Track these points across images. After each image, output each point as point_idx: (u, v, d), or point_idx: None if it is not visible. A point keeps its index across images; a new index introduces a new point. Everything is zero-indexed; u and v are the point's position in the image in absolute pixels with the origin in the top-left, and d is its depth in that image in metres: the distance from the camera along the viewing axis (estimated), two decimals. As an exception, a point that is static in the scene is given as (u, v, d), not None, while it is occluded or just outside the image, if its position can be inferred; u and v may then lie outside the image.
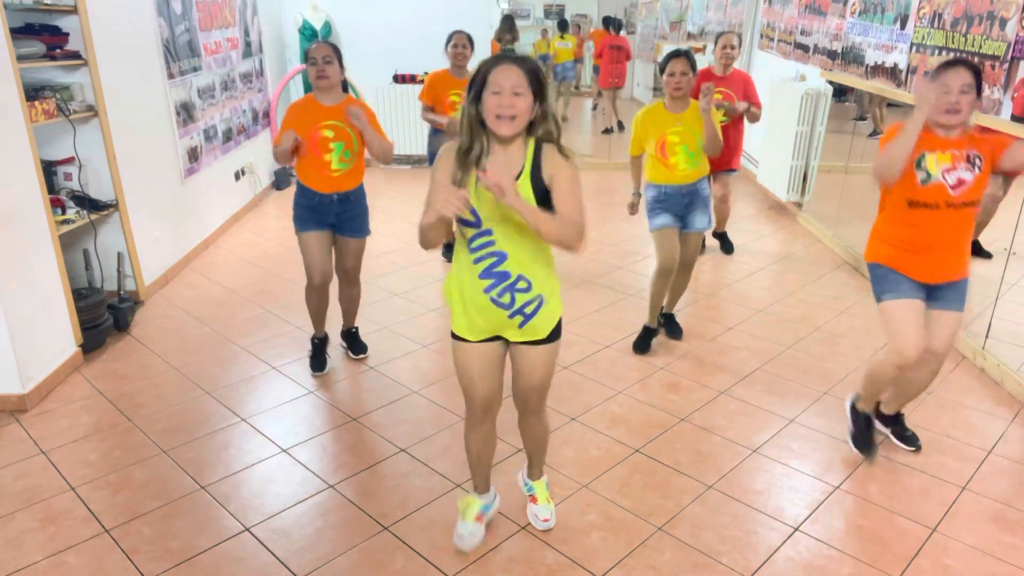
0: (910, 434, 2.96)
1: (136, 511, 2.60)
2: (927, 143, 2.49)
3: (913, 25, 4.33)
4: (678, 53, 3.50)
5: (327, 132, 3.22)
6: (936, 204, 2.49)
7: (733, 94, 4.74)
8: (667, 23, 11.17)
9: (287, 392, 3.42)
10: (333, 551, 2.41)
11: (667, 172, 3.57)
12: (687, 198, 3.62)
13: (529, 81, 1.92)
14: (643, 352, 3.80)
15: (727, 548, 2.43)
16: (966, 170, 2.47)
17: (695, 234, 3.72)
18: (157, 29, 4.64)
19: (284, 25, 7.62)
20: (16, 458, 2.91)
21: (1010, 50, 3.43)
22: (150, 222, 4.50)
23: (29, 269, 3.29)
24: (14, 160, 3.20)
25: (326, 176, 3.29)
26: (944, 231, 2.54)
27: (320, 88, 3.24)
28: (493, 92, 1.91)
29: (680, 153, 3.53)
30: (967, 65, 2.43)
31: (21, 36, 3.45)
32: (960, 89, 2.40)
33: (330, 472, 2.82)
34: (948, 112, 2.42)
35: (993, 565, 2.37)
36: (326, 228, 3.39)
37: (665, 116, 3.54)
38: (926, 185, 2.49)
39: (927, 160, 2.48)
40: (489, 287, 2.07)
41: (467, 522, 2.43)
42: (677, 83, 3.46)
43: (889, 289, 2.62)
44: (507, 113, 1.91)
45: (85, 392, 3.40)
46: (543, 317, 2.13)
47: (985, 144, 2.51)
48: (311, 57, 3.19)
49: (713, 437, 3.05)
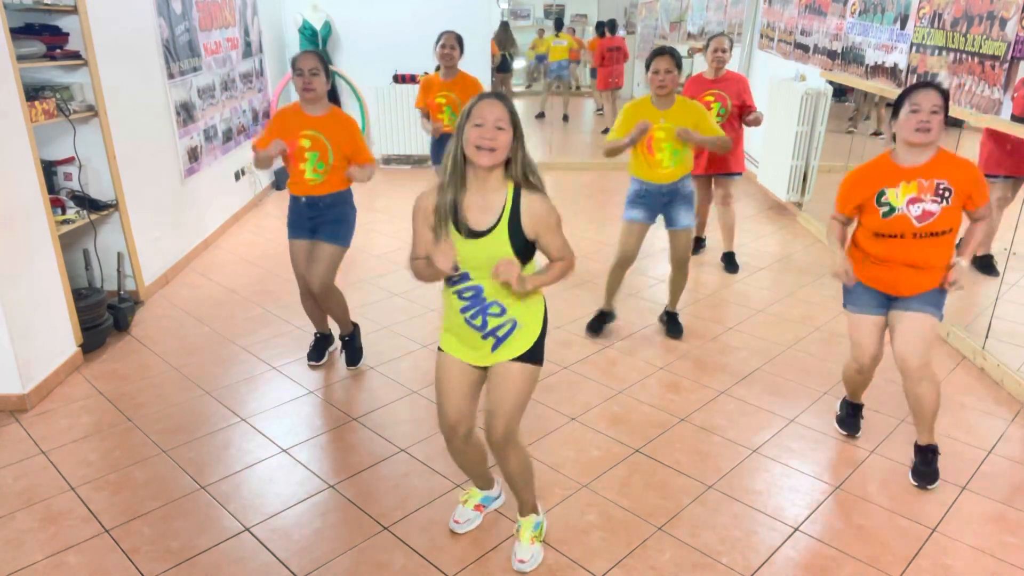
0: (923, 471, 2.73)
1: (136, 511, 2.60)
2: (887, 178, 2.50)
3: (913, 25, 4.33)
4: (662, 51, 3.50)
5: (304, 142, 3.23)
6: (902, 234, 2.51)
7: (726, 95, 4.72)
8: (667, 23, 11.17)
9: (287, 392, 3.42)
10: (333, 551, 2.41)
11: (649, 170, 3.59)
12: (667, 197, 3.65)
13: (509, 118, 1.97)
14: (595, 334, 3.94)
15: (727, 548, 2.43)
16: (932, 202, 2.46)
17: (682, 231, 3.74)
18: (157, 29, 4.64)
19: (284, 25, 7.62)
20: (16, 458, 2.91)
21: (1010, 50, 3.43)
22: (150, 222, 4.50)
23: (29, 269, 3.29)
24: (14, 160, 3.20)
25: (300, 184, 3.32)
26: (913, 256, 2.54)
27: (306, 100, 3.24)
28: (475, 124, 1.95)
29: (665, 150, 3.53)
30: (938, 88, 2.46)
31: (21, 36, 3.45)
32: (931, 109, 2.41)
33: (330, 472, 2.82)
34: (919, 130, 2.42)
35: (993, 565, 2.37)
36: (306, 235, 3.41)
37: (652, 111, 3.53)
38: (889, 218, 2.51)
39: (887, 195, 2.50)
40: (464, 308, 2.12)
41: (466, 508, 2.49)
42: (661, 81, 3.46)
43: (851, 301, 2.76)
44: (487, 145, 1.95)
45: (85, 392, 3.40)
46: (517, 338, 2.14)
47: (960, 177, 2.47)
48: (297, 68, 3.17)
49: (713, 437, 3.05)
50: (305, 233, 3.40)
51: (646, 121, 3.47)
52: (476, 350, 2.17)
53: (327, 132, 3.23)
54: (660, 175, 3.59)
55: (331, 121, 3.27)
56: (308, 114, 3.25)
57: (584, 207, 6.56)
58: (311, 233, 3.39)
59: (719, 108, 4.68)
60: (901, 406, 3.28)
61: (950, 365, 3.67)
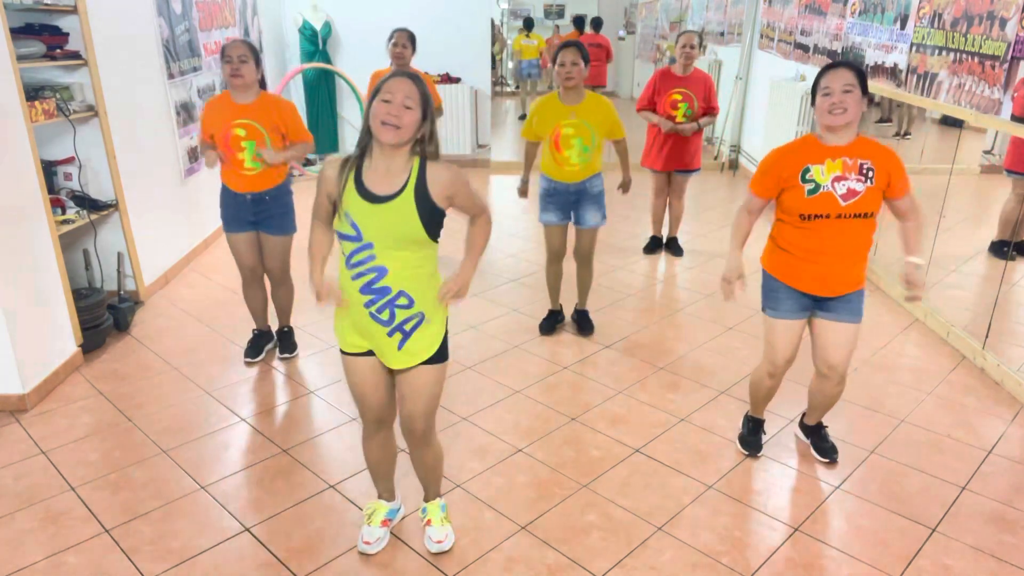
0: (828, 446, 2.90)
1: (136, 511, 2.60)
2: (811, 155, 2.46)
3: (913, 25, 4.33)
4: (568, 44, 3.51)
5: (239, 131, 3.23)
6: (827, 214, 2.45)
7: (693, 95, 4.74)
8: (667, 23, 11.18)
9: (287, 392, 3.42)
10: (333, 551, 2.41)
11: (557, 167, 3.59)
12: (575, 196, 3.65)
13: (420, 98, 1.94)
14: (548, 333, 3.96)
15: (727, 548, 2.43)
16: (857, 180, 2.43)
17: (588, 230, 3.76)
18: (157, 29, 4.64)
19: (284, 25, 7.62)
20: (16, 458, 2.91)
21: (1010, 50, 3.43)
22: (150, 222, 4.49)
23: (29, 269, 3.29)
24: (14, 160, 3.20)
25: (239, 175, 3.31)
26: (837, 241, 2.48)
27: (235, 87, 3.24)
28: (383, 100, 1.92)
29: (574, 147, 3.52)
30: (848, 65, 2.40)
31: (21, 36, 3.45)
32: (842, 88, 2.36)
33: (330, 472, 2.82)
34: (832, 112, 2.37)
35: (993, 565, 2.37)
36: (248, 228, 3.43)
37: (559, 107, 3.52)
38: (814, 196, 2.45)
39: (813, 171, 2.45)
40: (369, 302, 2.04)
41: (374, 528, 2.41)
42: (568, 73, 3.45)
43: (772, 306, 2.67)
44: (392, 121, 1.92)
45: (85, 392, 3.39)
46: (423, 337, 2.10)
47: (882, 159, 2.45)
48: (226, 55, 3.18)
49: (713, 437, 3.05)
50: (247, 226, 3.43)
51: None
52: (380, 348, 2.12)
53: (260, 118, 3.25)
54: (568, 173, 3.59)
55: (263, 106, 3.27)
56: (238, 103, 3.25)
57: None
58: (253, 226, 3.43)
59: (686, 108, 4.72)
60: (901, 406, 3.28)
61: (950, 365, 3.67)
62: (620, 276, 4.86)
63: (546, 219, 3.74)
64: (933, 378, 3.54)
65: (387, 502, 2.48)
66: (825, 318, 2.62)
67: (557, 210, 3.69)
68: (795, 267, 2.57)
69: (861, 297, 2.61)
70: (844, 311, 2.59)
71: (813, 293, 2.58)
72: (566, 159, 3.54)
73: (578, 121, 3.48)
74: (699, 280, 4.82)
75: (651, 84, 4.84)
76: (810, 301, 2.62)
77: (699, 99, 4.75)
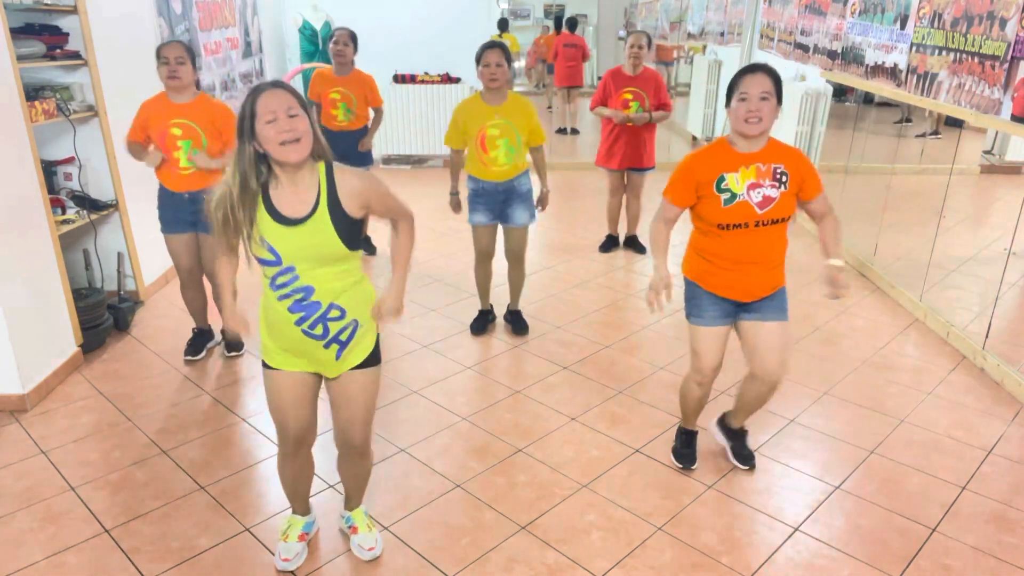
0: (747, 452, 2.86)
1: (136, 511, 2.60)
2: (726, 163, 2.40)
3: (913, 25, 4.33)
4: (492, 45, 3.52)
5: (175, 130, 3.25)
6: (744, 223, 2.40)
7: (644, 94, 4.78)
8: (667, 23, 11.18)
9: (287, 392, 3.41)
10: (333, 551, 2.41)
11: (483, 168, 3.59)
12: (504, 195, 3.66)
13: (297, 101, 1.84)
14: (479, 333, 3.98)
15: (727, 548, 2.43)
16: (771, 187, 2.39)
17: (517, 229, 3.76)
18: (157, 29, 4.64)
19: (284, 25, 7.62)
20: (16, 458, 2.91)
21: (1010, 50, 3.43)
22: (150, 222, 4.47)
23: (29, 269, 3.29)
24: (14, 160, 3.20)
25: (176, 174, 3.32)
26: (756, 248, 2.44)
27: (172, 88, 3.26)
28: (267, 121, 1.81)
29: (500, 147, 3.53)
30: (766, 71, 2.34)
31: (21, 36, 3.45)
32: (759, 96, 2.30)
33: (330, 472, 2.82)
34: (748, 121, 2.32)
35: (993, 565, 2.37)
36: (187, 228, 3.43)
37: (483, 108, 3.53)
38: (730, 205, 2.39)
39: (728, 180, 2.39)
40: (300, 320, 1.97)
41: (291, 543, 2.36)
42: (492, 74, 3.46)
43: (695, 314, 2.61)
44: (291, 137, 1.81)
45: (85, 392, 3.39)
46: (359, 342, 2.06)
47: (794, 162, 2.41)
48: (163, 56, 3.20)
49: (713, 437, 3.05)
50: (186, 227, 3.43)
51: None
52: (315, 362, 2.05)
53: (197, 119, 3.26)
54: (495, 173, 3.59)
55: (200, 107, 3.29)
56: (175, 102, 3.27)
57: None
58: (191, 227, 3.43)
59: (637, 107, 4.77)
60: (901, 406, 3.28)
61: (950, 365, 3.67)
62: (619, 276, 4.86)
63: (476, 220, 3.73)
64: (933, 378, 3.54)
65: (302, 516, 2.43)
66: (751, 319, 2.56)
67: (486, 210, 3.70)
68: (716, 275, 2.52)
69: (784, 295, 2.57)
70: (768, 310, 2.54)
71: (735, 299, 2.53)
72: (493, 159, 3.55)
73: (502, 121, 3.50)
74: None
75: (603, 84, 4.92)
76: (733, 307, 2.56)
77: (650, 97, 4.80)
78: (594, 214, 6.13)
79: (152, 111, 3.29)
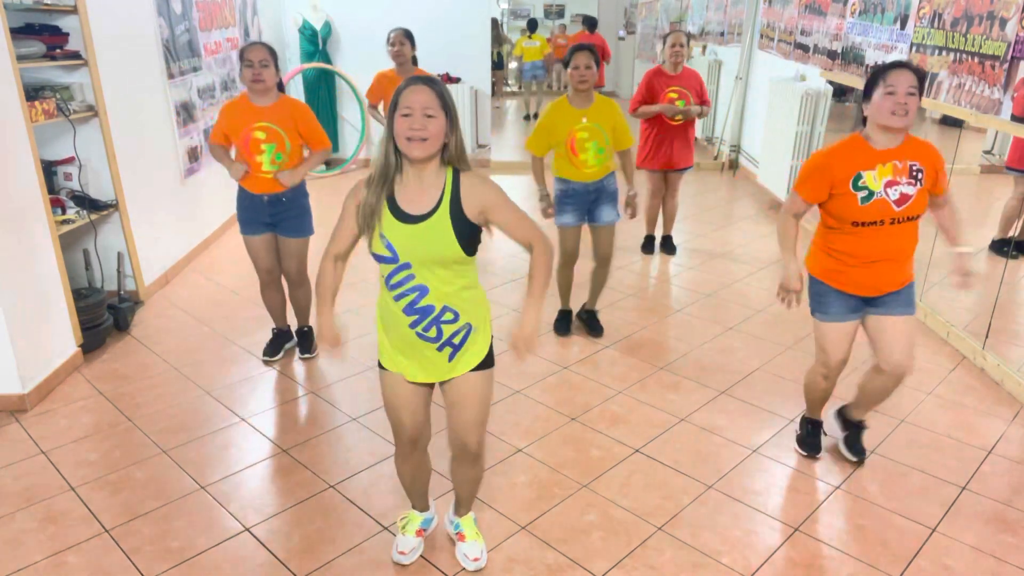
0: (860, 447, 2.88)
1: (136, 511, 2.60)
2: (863, 161, 2.41)
3: (913, 25, 4.33)
4: (581, 47, 3.53)
5: (259, 133, 3.24)
6: (881, 220, 2.42)
7: (688, 92, 4.77)
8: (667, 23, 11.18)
9: (287, 392, 3.42)
10: (333, 551, 2.41)
11: (575, 170, 3.59)
12: (594, 195, 3.67)
13: (440, 103, 1.85)
14: (563, 334, 3.97)
15: (727, 548, 2.43)
16: (908, 184, 2.40)
17: (605, 227, 3.76)
18: (157, 29, 4.64)
19: (284, 25, 7.62)
20: (16, 458, 2.91)
21: (1010, 50, 3.43)
22: (150, 222, 4.49)
23: (29, 269, 3.29)
24: (14, 160, 3.20)
25: (257, 177, 3.31)
26: (889, 245, 2.46)
27: (255, 91, 3.25)
28: (403, 114, 1.84)
29: (590, 150, 3.54)
30: (913, 68, 2.35)
31: (21, 36, 3.45)
32: (907, 91, 2.31)
33: (330, 472, 2.82)
34: (895, 114, 2.32)
35: (993, 565, 2.37)
36: (265, 230, 3.43)
37: (571, 111, 3.53)
38: (868, 203, 2.40)
39: (865, 178, 2.41)
40: (414, 323, 1.97)
41: (408, 537, 2.37)
42: (582, 76, 3.47)
43: (822, 310, 2.64)
44: (418, 135, 1.84)
45: (85, 392, 3.39)
46: (471, 346, 2.04)
47: (929, 158, 2.43)
48: (247, 59, 3.18)
49: (713, 437, 3.05)
50: (264, 228, 3.43)
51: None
52: (430, 364, 2.04)
53: (280, 121, 3.26)
54: (586, 174, 3.60)
55: (282, 109, 3.28)
56: (258, 105, 3.25)
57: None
58: (270, 228, 3.44)
59: (685, 110, 4.75)
60: (900, 407, 3.28)
61: (950, 365, 3.67)
62: (620, 276, 4.86)
63: (565, 221, 3.71)
64: (933, 378, 3.54)
65: (421, 512, 2.42)
66: (877, 313, 2.59)
67: (575, 211, 3.69)
68: (845, 272, 2.53)
69: (912, 289, 2.59)
70: (896, 304, 2.56)
71: (864, 295, 2.56)
72: (583, 162, 3.57)
73: (591, 124, 3.51)
74: (699, 280, 4.82)
75: (644, 84, 4.87)
76: (860, 302, 2.59)
77: (693, 95, 4.80)
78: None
79: (234, 113, 3.27)
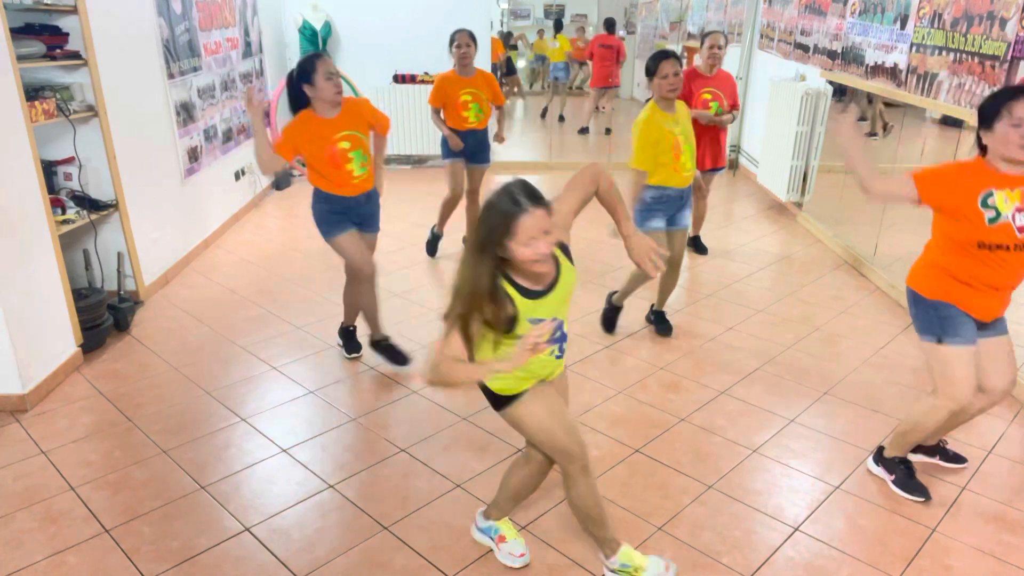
0: (953, 454, 2.88)
1: (136, 511, 2.60)
2: (994, 180, 2.31)
3: (913, 25, 4.33)
4: (667, 54, 3.54)
5: (344, 144, 3.27)
6: (1006, 245, 2.31)
7: (721, 94, 4.77)
8: (667, 23, 11.18)
9: (287, 392, 3.42)
10: (333, 551, 2.41)
11: (675, 174, 3.59)
12: (683, 200, 3.68)
13: (549, 214, 1.80)
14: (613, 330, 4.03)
15: (727, 548, 2.43)
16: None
17: (681, 231, 3.77)
18: (157, 29, 4.64)
19: (284, 25, 7.62)
20: (16, 458, 2.91)
21: (1010, 50, 3.43)
22: (150, 222, 4.49)
23: (29, 269, 3.29)
24: (14, 160, 3.20)
25: (350, 184, 3.34)
26: (1013, 273, 2.38)
27: (333, 104, 3.23)
28: (525, 244, 1.77)
29: (686, 152, 3.58)
30: None
31: (21, 36, 3.45)
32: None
33: (330, 472, 2.82)
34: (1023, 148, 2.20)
35: (993, 565, 2.37)
36: (353, 228, 3.47)
37: (666, 119, 3.55)
38: (994, 224, 2.29)
39: (995, 197, 2.29)
40: (557, 352, 2.08)
41: (521, 541, 2.40)
42: (672, 84, 3.49)
43: (953, 333, 2.45)
44: (544, 256, 1.80)
45: (85, 392, 3.40)
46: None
47: None
48: (329, 72, 3.16)
49: (713, 437, 3.05)
50: (352, 226, 3.46)
51: None
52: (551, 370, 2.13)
53: (355, 126, 3.31)
54: (684, 178, 3.62)
55: (352, 113, 3.32)
56: (328, 118, 3.25)
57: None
58: (358, 226, 3.48)
59: (716, 107, 4.75)
60: (900, 406, 3.28)
61: (950, 365, 3.67)
62: (620, 276, 4.85)
63: (654, 226, 3.65)
64: (933, 378, 3.54)
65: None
66: (985, 335, 2.52)
67: (664, 215, 3.68)
68: (970, 295, 2.43)
69: None
70: (996, 325, 2.52)
71: (981, 319, 2.49)
72: (683, 165, 3.58)
73: (681, 129, 3.55)
74: (699, 280, 4.82)
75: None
76: (977, 326, 2.51)
77: (727, 97, 4.79)
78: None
79: (308, 130, 3.22)
